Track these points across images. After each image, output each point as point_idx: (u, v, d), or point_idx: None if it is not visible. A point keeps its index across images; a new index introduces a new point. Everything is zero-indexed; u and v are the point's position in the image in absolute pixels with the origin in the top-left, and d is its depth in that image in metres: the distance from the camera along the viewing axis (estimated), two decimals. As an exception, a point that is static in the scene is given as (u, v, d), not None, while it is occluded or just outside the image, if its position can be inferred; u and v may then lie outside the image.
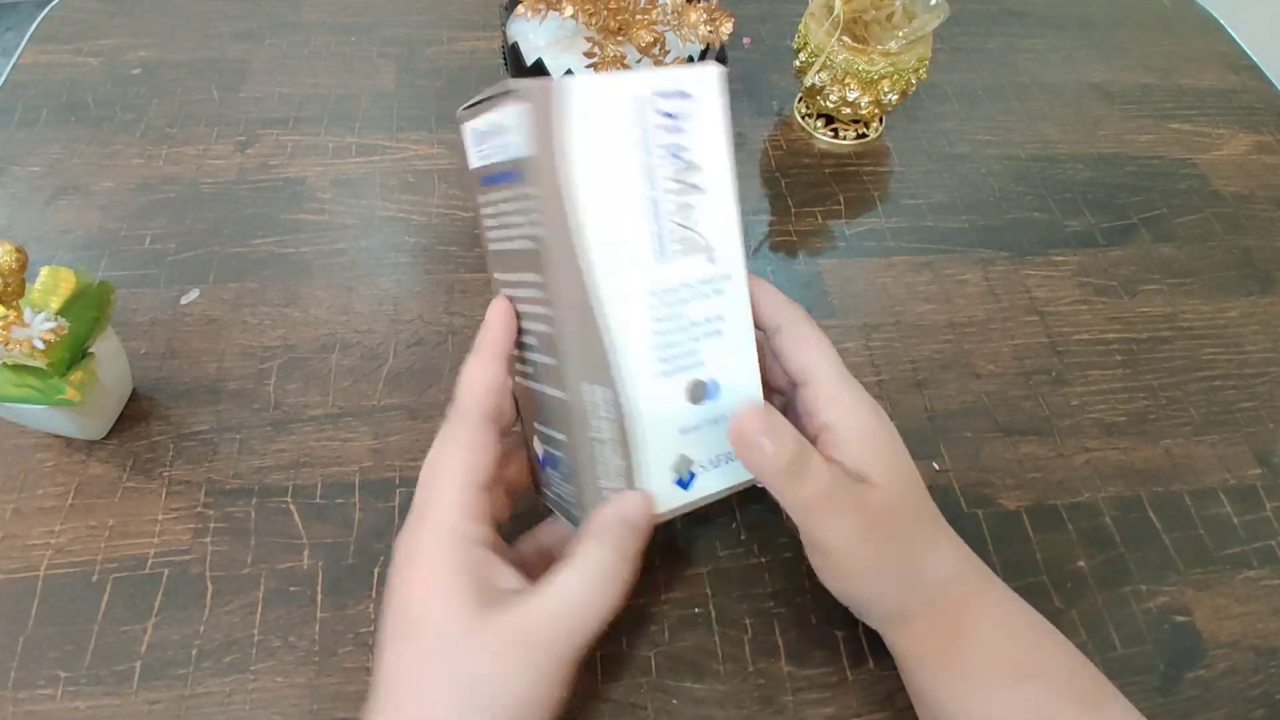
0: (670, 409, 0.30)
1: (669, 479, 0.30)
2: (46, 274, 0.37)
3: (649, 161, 0.28)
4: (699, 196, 0.29)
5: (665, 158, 0.28)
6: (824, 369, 0.31)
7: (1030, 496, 0.40)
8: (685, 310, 0.29)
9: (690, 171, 0.29)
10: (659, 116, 0.28)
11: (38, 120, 0.54)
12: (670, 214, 0.29)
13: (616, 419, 0.29)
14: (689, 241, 0.29)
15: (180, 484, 0.38)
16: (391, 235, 0.49)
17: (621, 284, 0.28)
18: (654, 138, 0.28)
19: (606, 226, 0.28)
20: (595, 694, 0.34)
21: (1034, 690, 0.29)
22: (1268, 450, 0.43)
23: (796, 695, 0.34)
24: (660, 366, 0.29)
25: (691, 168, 0.29)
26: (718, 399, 0.30)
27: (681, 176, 0.29)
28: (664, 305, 0.29)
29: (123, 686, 0.33)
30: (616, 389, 0.28)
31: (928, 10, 0.51)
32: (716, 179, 0.29)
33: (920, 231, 0.52)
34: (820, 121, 0.57)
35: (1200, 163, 0.58)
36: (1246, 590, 0.38)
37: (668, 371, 0.29)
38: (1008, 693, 0.29)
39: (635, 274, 0.28)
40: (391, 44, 0.61)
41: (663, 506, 0.30)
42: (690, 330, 0.30)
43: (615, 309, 0.28)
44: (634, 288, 0.28)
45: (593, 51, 0.39)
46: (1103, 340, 0.47)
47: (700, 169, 0.29)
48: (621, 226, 0.28)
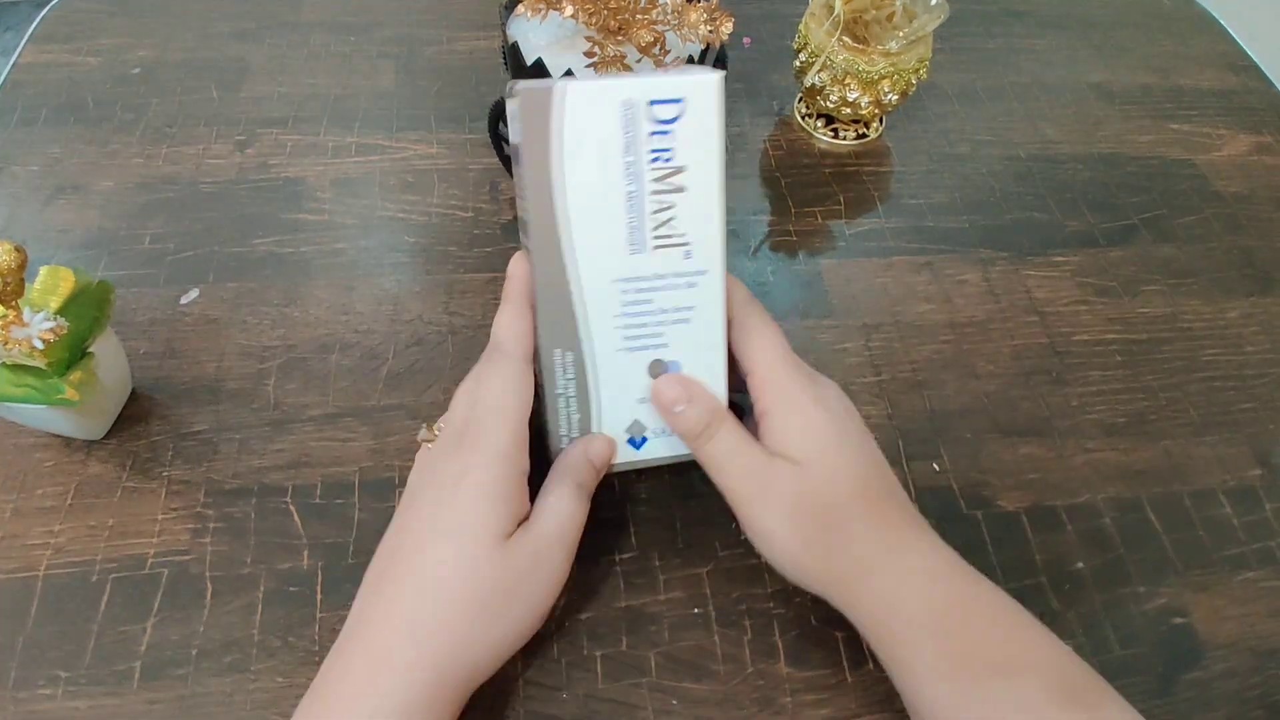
0: (630, 380, 0.34)
1: (623, 438, 0.35)
2: (46, 273, 0.37)
3: (635, 162, 0.31)
4: (682, 197, 0.31)
5: (652, 159, 0.31)
6: (765, 357, 0.33)
7: (1029, 497, 0.40)
8: (655, 298, 0.33)
9: (677, 174, 0.31)
10: (651, 121, 0.30)
11: (37, 120, 0.54)
12: (651, 211, 0.31)
13: (581, 381, 0.33)
14: (667, 238, 0.32)
15: (180, 484, 0.38)
16: (391, 235, 0.49)
17: (595, 269, 0.32)
18: (643, 141, 0.30)
19: (586, 217, 0.31)
20: (594, 693, 0.34)
21: (1018, 685, 0.29)
22: (1267, 451, 0.43)
23: (795, 696, 0.34)
24: (624, 343, 0.33)
25: (678, 170, 0.31)
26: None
27: (667, 178, 0.31)
28: (634, 291, 0.32)
29: (123, 686, 0.33)
30: (583, 357, 0.33)
31: (928, 10, 0.51)
32: (703, 182, 0.31)
33: (920, 231, 0.52)
34: (820, 121, 0.57)
35: (1200, 163, 0.58)
36: (1245, 591, 0.38)
37: (631, 348, 0.33)
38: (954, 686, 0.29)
39: (609, 261, 0.32)
40: (391, 44, 0.61)
41: (615, 459, 0.35)
42: (658, 315, 0.33)
43: (587, 290, 0.32)
44: (607, 273, 0.32)
45: (593, 51, 0.39)
46: (1102, 341, 0.47)
47: (687, 171, 0.31)
48: (600, 219, 0.31)
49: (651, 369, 0.33)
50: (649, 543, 0.38)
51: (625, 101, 0.30)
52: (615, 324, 0.33)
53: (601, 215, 0.31)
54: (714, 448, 0.33)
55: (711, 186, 0.31)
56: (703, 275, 0.32)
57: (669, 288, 0.32)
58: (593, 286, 0.32)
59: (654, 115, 0.30)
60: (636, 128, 0.30)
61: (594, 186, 0.31)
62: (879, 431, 0.42)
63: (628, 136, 0.30)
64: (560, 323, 0.32)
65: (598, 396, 0.34)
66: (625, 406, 0.34)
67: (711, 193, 0.32)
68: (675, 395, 0.33)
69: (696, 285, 0.33)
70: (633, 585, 0.37)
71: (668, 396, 0.33)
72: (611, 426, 0.34)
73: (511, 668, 0.34)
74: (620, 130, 0.30)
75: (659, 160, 0.31)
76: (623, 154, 0.30)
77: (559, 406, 0.34)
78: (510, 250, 0.48)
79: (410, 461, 0.39)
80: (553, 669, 0.34)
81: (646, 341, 0.33)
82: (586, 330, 0.32)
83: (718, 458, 0.33)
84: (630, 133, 0.30)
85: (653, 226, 0.31)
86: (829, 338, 0.46)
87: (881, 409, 0.43)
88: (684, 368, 0.34)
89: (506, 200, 0.51)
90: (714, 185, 0.31)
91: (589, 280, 0.32)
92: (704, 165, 0.31)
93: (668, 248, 0.32)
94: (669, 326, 0.33)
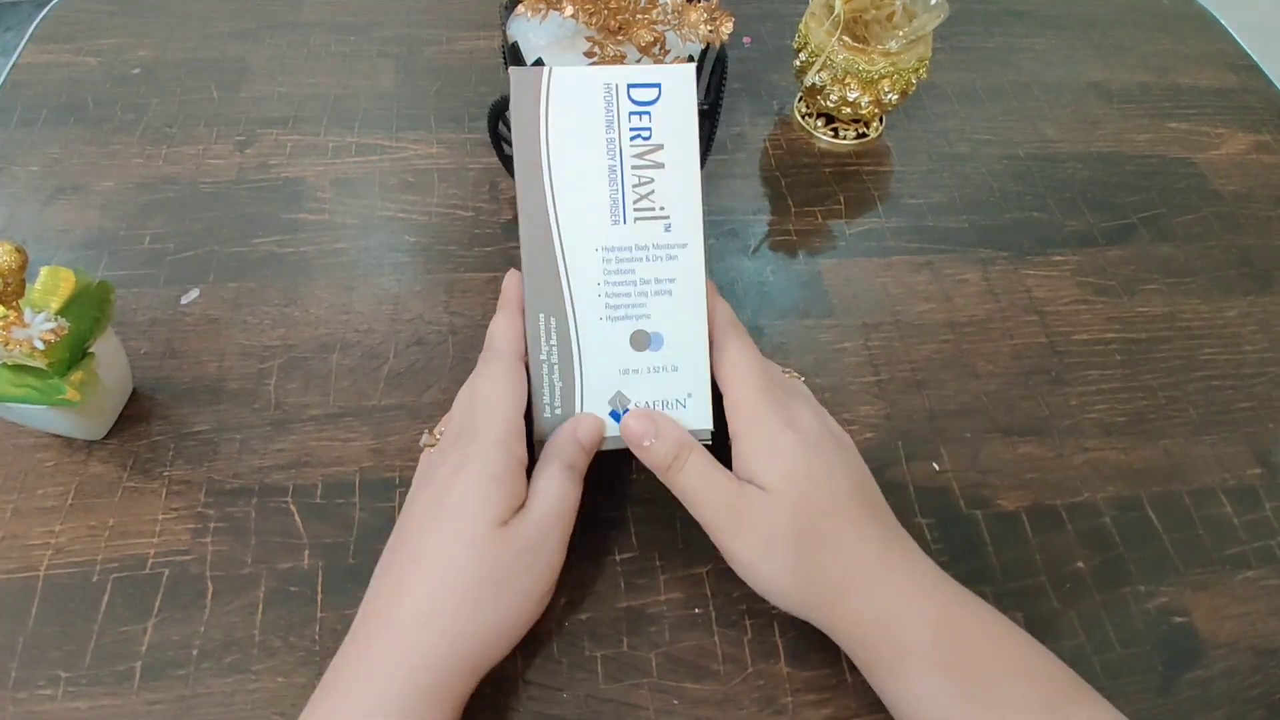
0: (613, 350, 0.35)
1: (605, 409, 0.35)
2: (46, 274, 0.37)
3: (615, 139, 0.34)
4: (661, 174, 0.34)
5: (632, 136, 0.34)
6: (737, 381, 0.34)
7: (1029, 497, 0.40)
8: (637, 268, 0.34)
9: (655, 151, 0.34)
10: (630, 103, 0.34)
11: (37, 120, 0.54)
12: (632, 185, 0.34)
13: (565, 348, 0.34)
14: (648, 211, 0.34)
15: (180, 484, 0.38)
16: (391, 235, 0.49)
17: (579, 238, 0.34)
18: (623, 120, 0.34)
19: (570, 187, 0.34)
20: (595, 694, 0.34)
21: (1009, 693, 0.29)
22: (1266, 450, 0.43)
23: (796, 696, 0.34)
24: (607, 311, 0.35)
25: (657, 148, 0.34)
26: (661, 349, 0.35)
27: (646, 155, 0.34)
28: (616, 260, 0.34)
29: (123, 686, 0.33)
30: (566, 323, 0.34)
31: (928, 10, 0.51)
32: (679, 159, 0.35)
33: (920, 231, 0.52)
34: (820, 121, 0.57)
35: (1199, 162, 0.58)
36: (1245, 590, 0.38)
37: (614, 317, 0.35)
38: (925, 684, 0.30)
39: (592, 231, 0.34)
40: (391, 44, 0.61)
41: (606, 437, 0.35)
42: (640, 286, 0.35)
43: (570, 255, 0.34)
44: (590, 242, 0.34)
45: (593, 51, 0.39)
46: (1102, 340, 0.47)
47: (665, 149, 0.34)
48: (584, 189, 0.34)
49: (634, 340, 0.35)
50: (649, 543, 0.38)
51: (606, 84, 0.34)
52: (598, 290, 0.34)
53: (585, 186, 0.34)
54: (684, 479, 0.33)
55: (688, 163, 0.34)
56: (683, 249, 0.35)
57: (651, 259, 0.35)
58: (575, 252, 0.34)
59: (633, 97, 0.34)
60: (616, 107, 0.34)
61: (578, 159, 0.34)
62: (878, 431, 0.42)
63: (609, 115, 0.34)
64: (545, 287, 0.34)
65: (580, 364, 0.35)
66: (608, 377, 0.35)
67: (689, 169, 0.34)
68: (643, 429, 0.34)
69: (677, 258, 0.35)
70: (633, 585, 0.37)
71: (635, 431, 0.34)
72: (594, 397, 0.35)
73: (512, 668, 0.34)
74: (601, 109, 0.34)
75: (638, 138, 0.34)
76: (604, 130, 0.34)
77: (543, 374, 0.35)
78: (510, 250, 0.48)
79: (411, 461, 0.39)
80: (554, 669, 0.34)
81: (629, 311, 0.35)
82: (570, 296, 0.34)
83: (689, 490, 0.33)
84: (611, 111, 0.34)
85: (634, 200, 0.34)
86: (829, 337, 0.46)
87: (881, 409, 0.43)
88: (666, 340, 0.35)
89: (506, 200, 0.51)
90: (690, 162, 0.34)
91: (572, 247, 0.34)
92: (680, 144, 0.34)
93: (648, 219, 0.34)
94: (651, 298, 0.35)
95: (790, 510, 0.31)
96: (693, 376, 0.35)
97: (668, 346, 0.35)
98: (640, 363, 0.35)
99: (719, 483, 0.33)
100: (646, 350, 0.35)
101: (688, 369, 0.35)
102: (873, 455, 0.35)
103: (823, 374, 0.44)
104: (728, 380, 0.34)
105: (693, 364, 0.35)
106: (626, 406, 0.35)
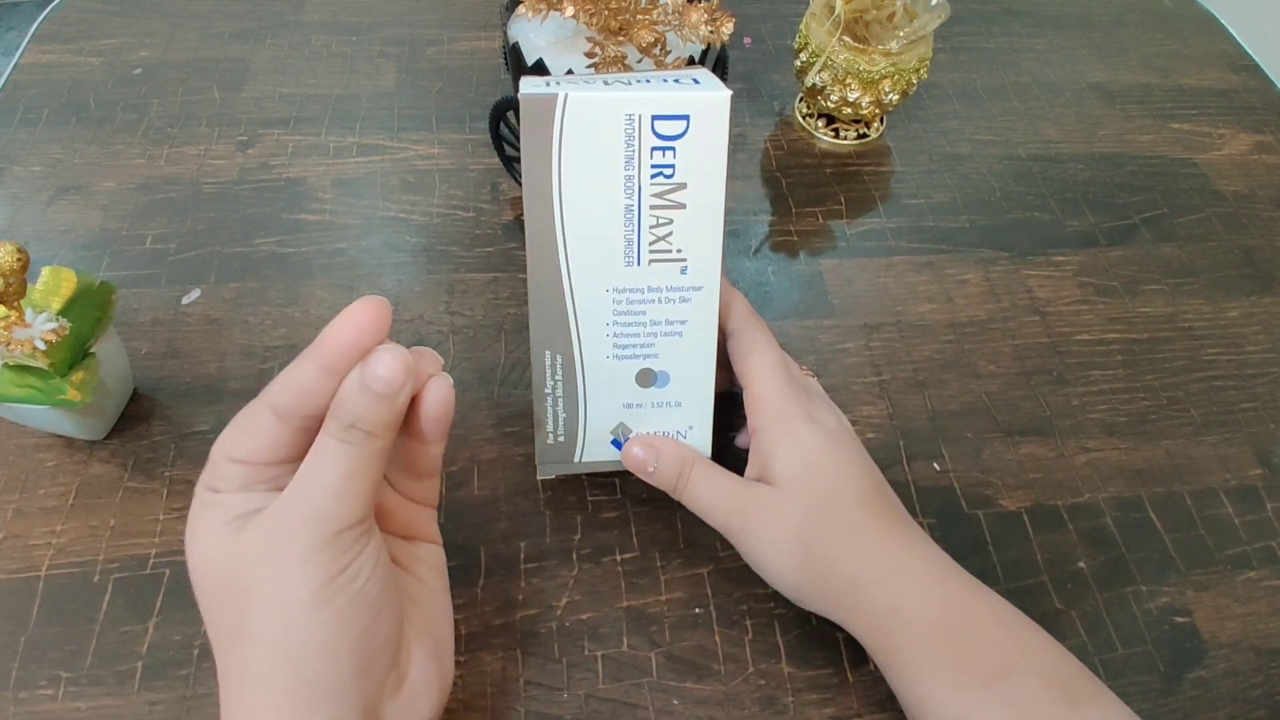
0: (619, 385, 0.34)
1: (607, 438, 0.35)
2: (48, 274, 0.37)
3: (634, 176, 0.30)
4: (682, 214, 0.31)
5: (653, 175, 0.30)
6: (761, 374, 0.34)
7: (1031, 497, 0.40)
8: (649, 309, 0.33)
9: (677, 190, 0.31)
10: (654, 137, 0.30)
11: (39, 120, 0.54)
12: (649, 226, 0.31)
13: (569, 383, 0.34)
14: (664, 253, 0.32)
15: (181, 484, 0.38)
16: (392, 235, 0.49)
17: (589, 278, 0.32)
18: (644, 156, 0.30)
19: (582, 226, 0.31)
20: (595, 694, 0.34)
21: (1018, 686, 0.29)
22: (1268, 451, 0.43)
23: (797, 696, 0.34)
24: (615, 351, 0.33)
25: (679, 187, 0.31)
26: (667, 387, 0.34)
27: (667, 194, 0.31)
28: (627, 302, 0.32)
29: (124, 687, 0.33)
30: (572, 361, 0.33)
31: (928, 10, 0.51)
32: (704, 201, 0.31)
33: (921, 231, 0.52)
34: (821, 121, 0.57)
35: (1201, 162, 0.58)
36: (1247, 591, 0.38)
37: (621, 356, 0.33)
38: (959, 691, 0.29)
39: (604, 272, 0.32)
40: (392, 44, 0.61)
41: (597, 456, 0.36)
42: (650, 327, 0.33)
43: (580, 296, 0.32)
44: (600, 283, 0.32)
45: (593, 51, 0.39)
46: (1104, 340, 0.47)
47: (688, 189, 0.31)
48: (596, 229, 0.31)
49: (640, 378, 0.34)
50: (650, 542, 0.38)
51: (628, 115, 0.29)
52: (606, 332, 0.33)
53: (598, 225, 0.31)
54: (693, 494, 0.34)
55: (713, 205, 0.31)
56: (698, 291, 0.33)
57: (663, 301, 0.33)
58: (585, 294, 0.32)
59: (657, 130, 0.29)
60: (638, 141, 0.30)
61: (591, 196, 0.30)
62: (880, 431, 0.42)
63: (629, 150, 0.30)
64: (551, 326, 0.33)
65: (585, 399, 0.34)
66: (612, 410, 0.35)
67: (712, 211, 0.31)
68: (645, 457, 0.34)
69: (690, 300, 0.33)
70: (634, 585, 0.37)
71: (639, 459, 0.34)
72: (597, 427, 0.35)
73: (513, 668, 0.34)
74: (621, 143, 0.30)
75: (659, 176, 0.30)
76: (623, 167, 0.30)
77: (547, 405, 0.34)
78: (511, 250, 0.48)
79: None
80: (554, 669, 0.34)
81: (637, 351, 0.33)
82: (577, 335, 0.33)
83: (699, 503, 0.34)
84: (631, 146, 0.30)
85: (649, 241, 0.31)
86: (830, 338, 0.46)
87: (882, 409, 0.43)
88: (673, 378, 0.34)
89: (507, 200, 0.51)
90: (715, 204, 0.31)
91: (582, 288, 0.32)
92: (706, 184, 0.31)
93: (664, 262, 0.32)
94: (660, 338, 0.33)
95: (803, 504, 0.32)
96: (696, 410, 0.35)
97: (674, 384, 0.34)
98: (645, 398, 0.35)
99: (727, 489, 0.33)
100: (652, 387, 0.34)
101: (691, 404, 0.35)
102: (875, 455, 0.35)
103: (824, 374, 0.44)
104: (750, 375, 0.34)
105: (697, 399, 0.35)
106: (628, 435, 0.35)
